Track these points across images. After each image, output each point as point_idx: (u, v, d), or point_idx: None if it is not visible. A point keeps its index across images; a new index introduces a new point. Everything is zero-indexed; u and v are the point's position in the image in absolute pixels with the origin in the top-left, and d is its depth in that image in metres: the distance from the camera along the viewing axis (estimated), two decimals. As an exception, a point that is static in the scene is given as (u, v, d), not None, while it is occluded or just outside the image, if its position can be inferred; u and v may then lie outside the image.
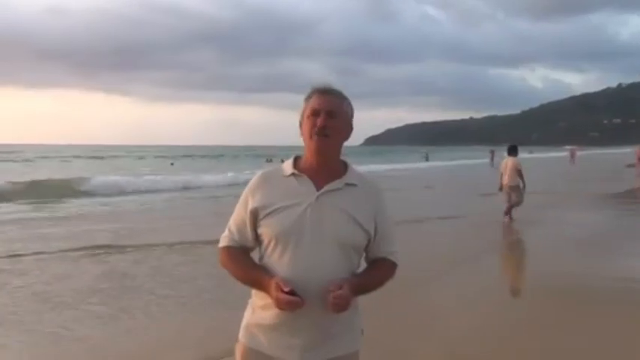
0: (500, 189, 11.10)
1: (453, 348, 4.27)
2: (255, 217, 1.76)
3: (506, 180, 10.85)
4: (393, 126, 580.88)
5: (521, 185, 10.79)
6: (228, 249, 1.82)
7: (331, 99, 1.76)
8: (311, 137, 1.73)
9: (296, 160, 1.80)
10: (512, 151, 11.12)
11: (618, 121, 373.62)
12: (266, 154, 58.66)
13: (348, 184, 1.76)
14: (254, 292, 1.80)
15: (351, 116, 1.83)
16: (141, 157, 65.27)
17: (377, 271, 1.83)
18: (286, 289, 1.62)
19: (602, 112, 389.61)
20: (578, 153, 45.42)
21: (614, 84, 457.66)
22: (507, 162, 11.00)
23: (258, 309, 1.77)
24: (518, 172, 10.77)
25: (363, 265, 1.86)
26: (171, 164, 53.06)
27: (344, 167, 1.80)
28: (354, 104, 1.84)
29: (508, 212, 10.85)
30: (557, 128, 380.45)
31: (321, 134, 1.72)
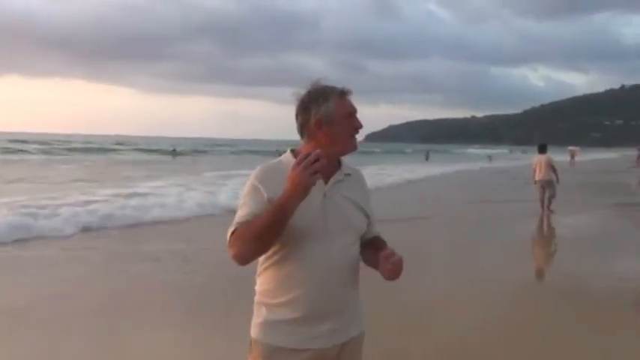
0: (535, 183, 12.23)
1: (450, 344, 4.29)
2: None
3: (539, 175, 12.02)
4: (395, 123, 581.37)
5: (554, 179, 12.02)
6: (245, 223, 1.73)
7: (352, 99, 1.88)
8: (350, 137, 1.84)
9: (293, 153, 1.84)
10: (543, 149, 12.35)
11: (620, 122, 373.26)
12: (268, 150, 57.62)
13: (346, 175, 1.88)
14: (267, 290, 1.82)
15: None
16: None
17: (385, 245, 1.95)
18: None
19: (604, 113, 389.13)
20: (576, 158, 44.07)
21: (616, 85, 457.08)
22: (540, 159, 12.18)
23: (275, 307, 1.79)
24: (552, 168, 12.03)
25: None
26: (173, 150, 53.30)
27: (338, 159, 1.90)
28: (357, 100, 1.89)
29: (543, 205, 11.98)
30: (559, 128, 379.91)
31: (356, 134, 1.86)
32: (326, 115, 1.80)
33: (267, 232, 1.66)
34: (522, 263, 7.61)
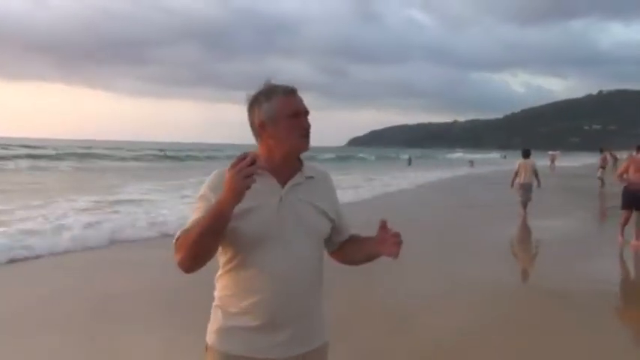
0: (512, 186, 12.67)
1: (434, 346, 4.27)
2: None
3: (522, 179, 12.41)
4: (378, 127, 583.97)
5: (535, 184, 12.48)
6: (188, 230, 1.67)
7: (301, 100, 1.79)
8: (296, 139, 1.74)
9: None
10: (527, 154, 12.73)
11: (598, 127, 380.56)
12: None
13: (307, 177, 1.80)
14: (224, 296, 1.76)
15: None
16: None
17: (365, 236, 1.92)
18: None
19: (582, 117, 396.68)
20: (556, 162, 44.29)
21: (594, 90, 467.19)
22: (523, 163, 12.52)
23: (232, 314, 1.73)
24: (535, 172, 12.46)
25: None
26: (163, 152, 52.79)
27: (299, 161, 1.83)
28: (340, 105, 1.86)
29: (525, 207, 12.37)
30: (539, 133, 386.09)
31: (307, 135, 1.76)
32: (268, 116, 1.74)
33: (204, 238, 1.60)
34: (505, 266, 7.64)
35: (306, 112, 1.78)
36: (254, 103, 1.77)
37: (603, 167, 21.96)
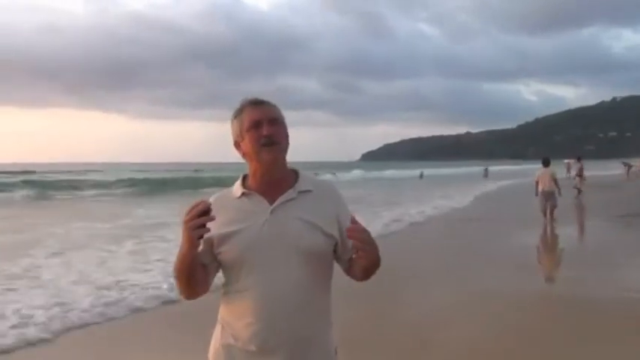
0: (537, 195, 12.76)
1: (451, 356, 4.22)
2: (211, 245, 1.67)
3: (542, 186, 12.54)
4: (390, 141, 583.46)
5: (556, 192, 12.55)
6: None
7: (267, 107, 1.71)
8: (259, 150, 1.65)
9: (244, 179, 1.74)
10: (546, 163, 12.88)
11: (614, 134, 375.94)
12: None
13: (301, 192, 1.69)
14: (222, 317, 1.74)
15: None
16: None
17: None
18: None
19: (597, 125, 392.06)
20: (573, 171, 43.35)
21: (608, 97, 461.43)
22: (543, 172, 12.66)
23: (229, 335, 1.70)
24: (554, 180, 12.58)
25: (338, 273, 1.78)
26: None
27: (294, 175, 1.73)
28: (351, 120, 1.86)
29: (545, 215, 12.44)
30: (554, 142, 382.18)
31: (269, 144, 1.65)
32: (237, 133, 1.72)
33: (181, 275, 1.63)
34: (527, 274, 7.56)
35: (272, 119, 1.68)
36: (230, 125, 1.74)
37: (580, 175, 21.01)
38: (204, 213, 1.53)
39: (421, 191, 26.66)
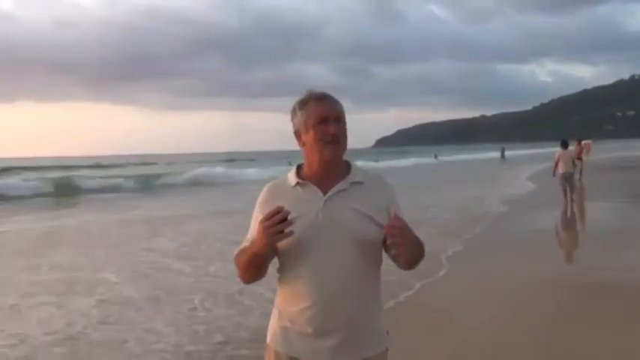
0: (554, 176, 12.98)
1: (473, 343, 4.15)
2: None
3: (561, 168, 12.65)
4: (404, 127, 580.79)
5: (574, 172, 12.91)
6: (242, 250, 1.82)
7: (333, 105, 1.79)
8: (323, 146, 1.74)
9: (299, 168, 1.84)
10: (565, 145, 13.08)
11: (632, 112, 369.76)
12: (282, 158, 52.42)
13: (353, 183, 1.78)
14: (279, 301, 1.84)
15: None
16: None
17: None
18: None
19: (615, 104, 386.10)
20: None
21: (625, 76, 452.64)
22: (562, 153, 12.78)
23: (285, 318, 1.79)
24: (573, 162, 12.92)
25: (388, 264, 1.81)
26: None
27: (347, 167, 1.82)
28: (363, 106, 1.80)
29: (566, 195, 12.67)
30: (571, 123, 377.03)
31: (334, 142, 1.75)
32: (301, 124, 1.79)
33: (249, 267, 1.74)
34: (549, 256, 7.40)
35: (337, 118, 1.76)
36: (292, 113, 1.82)
37: (579, 158, 18.50)
38: (283, 219, 1.60)
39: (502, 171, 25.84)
